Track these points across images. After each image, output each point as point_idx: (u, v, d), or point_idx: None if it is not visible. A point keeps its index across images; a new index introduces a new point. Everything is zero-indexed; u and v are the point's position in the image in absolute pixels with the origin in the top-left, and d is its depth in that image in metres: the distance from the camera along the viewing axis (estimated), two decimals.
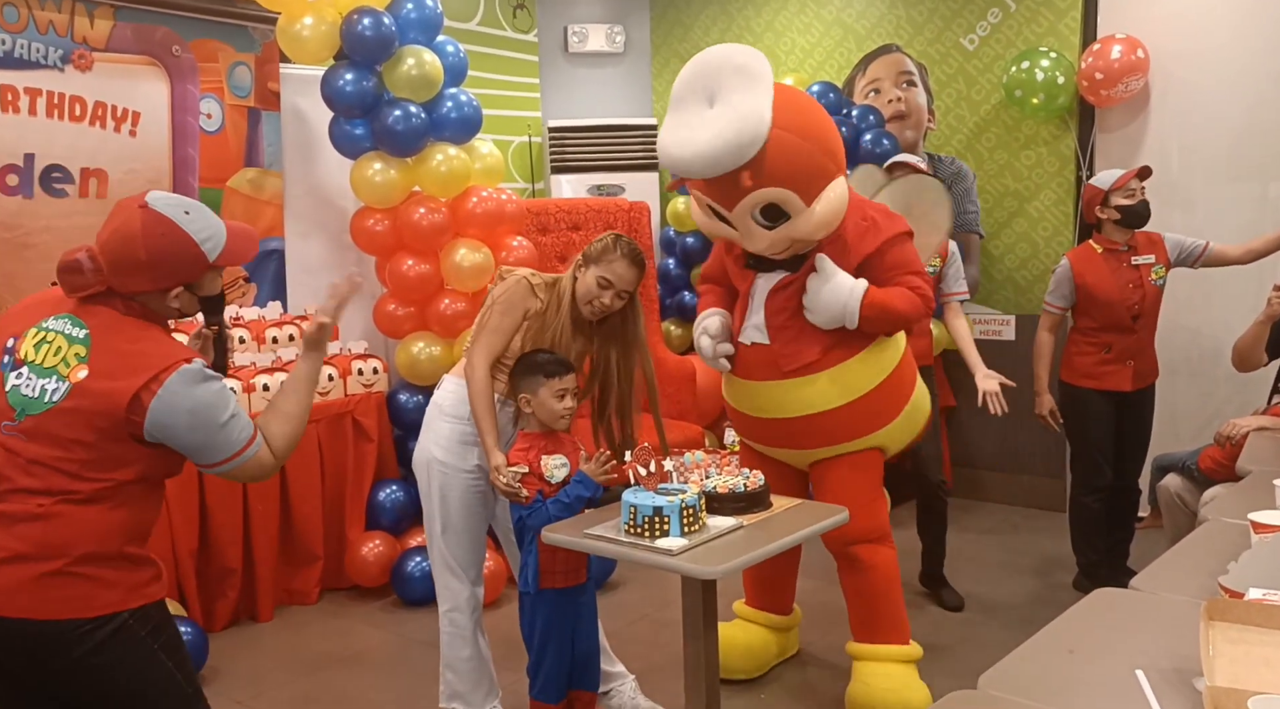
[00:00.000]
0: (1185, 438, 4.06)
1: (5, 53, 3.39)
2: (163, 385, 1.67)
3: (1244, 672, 1.34)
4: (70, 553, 1.66)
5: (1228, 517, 2.13)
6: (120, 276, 1.74)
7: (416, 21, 3.84)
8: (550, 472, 2.40)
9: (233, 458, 1.77)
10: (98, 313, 1.75)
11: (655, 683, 3.07)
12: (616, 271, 2.47)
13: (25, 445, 1.68)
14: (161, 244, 1.74)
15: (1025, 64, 4.40)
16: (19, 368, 1.72)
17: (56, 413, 1.67)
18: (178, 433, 1.71)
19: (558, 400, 2.40)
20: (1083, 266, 3.49)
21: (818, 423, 2.71)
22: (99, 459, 1.68)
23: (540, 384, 2.41)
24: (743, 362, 2.79)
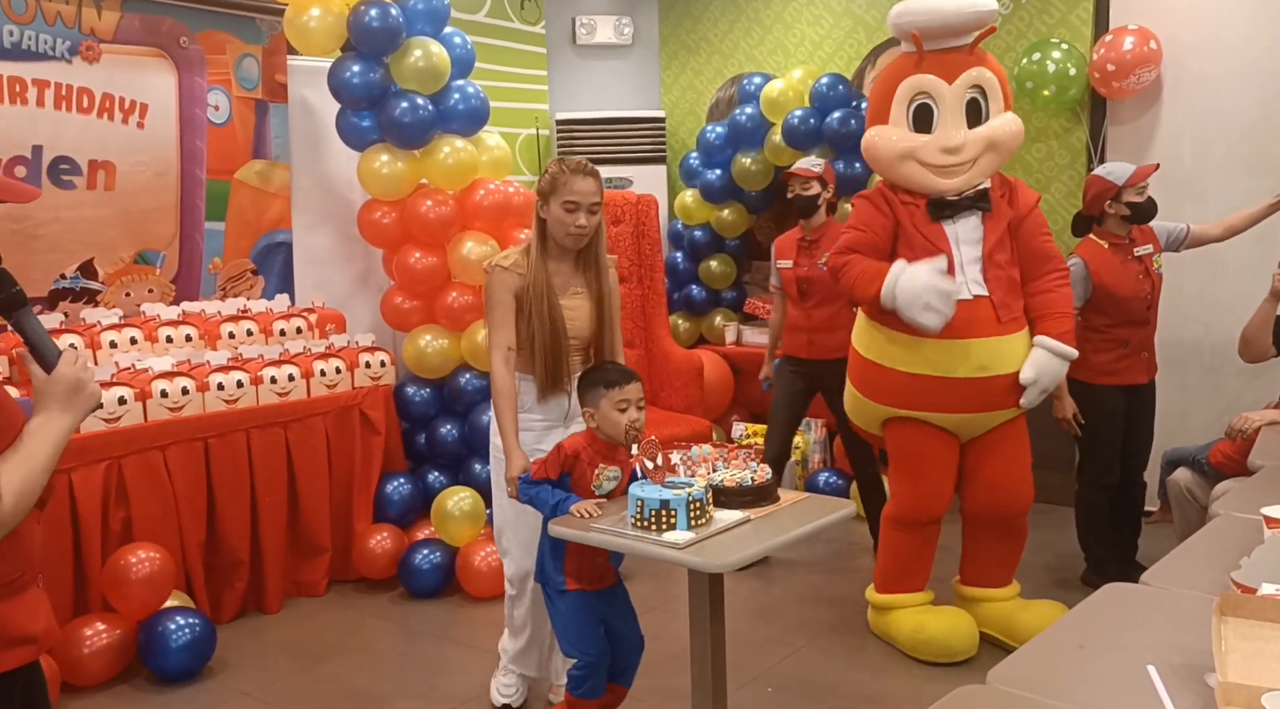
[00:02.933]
0: (1195, 432, 4.03)
1: (13, 44, 3.39)
2: None
3: (1257, 667, 1.32)
4: None
5: (1239, 511, 2.10)
6: None
7: (424, 13, 3.83)
8: (600, 482, 2.37)
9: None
10: None
11: (662, 676, 3.07)
12: (577, 189, 2.47)
13: None
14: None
15: (1036, 55, 4.37)
16: None
17: None
18: None
19: (620, 412, 2.33)
20: (1098, 265, 3.45)
21: (1014, 380, 2.87)
22: None
23: (601, 396, 2.35)
24: (959, 319, 2.79)
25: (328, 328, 3.99)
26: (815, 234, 3.76)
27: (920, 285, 2.70)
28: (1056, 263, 2.99)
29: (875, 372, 3.01)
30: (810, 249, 3.76)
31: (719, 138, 5.07)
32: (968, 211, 2.88)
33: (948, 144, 2.85)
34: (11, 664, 1.43)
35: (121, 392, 3.19)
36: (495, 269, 2.57)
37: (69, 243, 3.59)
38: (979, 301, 2.84)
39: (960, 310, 2.78)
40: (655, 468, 2.25)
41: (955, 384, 2.87)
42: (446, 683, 3.07)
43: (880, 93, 2.99)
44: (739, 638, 3.17)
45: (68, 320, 3.51)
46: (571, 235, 2.52)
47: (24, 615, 1.46)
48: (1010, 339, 2.87)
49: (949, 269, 2.81)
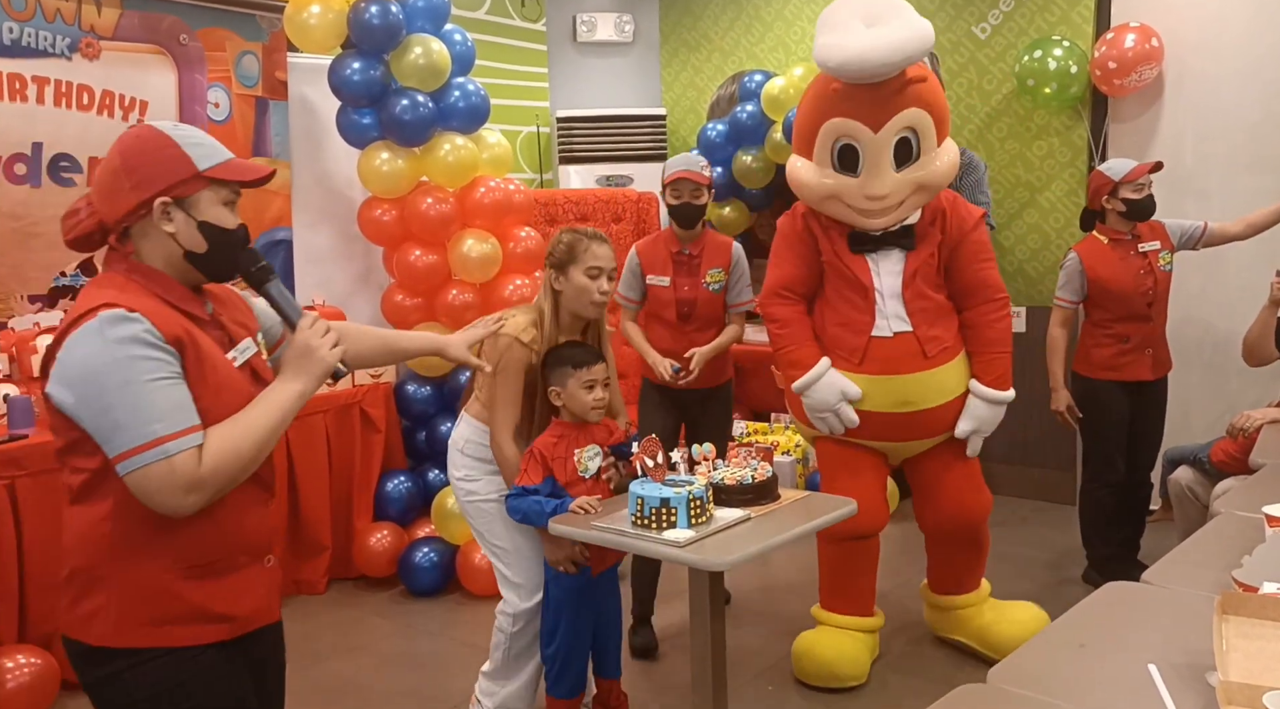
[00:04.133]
0: (1197, 431, 4.03)
1: (13, 41, 3.39)
2: (61, 348, 1.38)
3: (1258, 667, 1.32)
4: (68, 561, 1.46)
5: (1241, 510, 2.10)
6: (103, 197, 1.47)
7: (424, 10, 3.82)
8: (584, 464, 2.38)
9: (129, 454, 1.35)
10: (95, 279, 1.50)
11: (662, 674, 3.07)
12: (599, 255, 2.45)
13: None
14: (136, 146, 1.48)
15: (1038, 53, 4.36)
16: None
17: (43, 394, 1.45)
18: (72, 406, 1.37)
19: (587, 391, 2.37)
20: (1093, 259, 3.46)
21: (946, 412, 2.82)
22: (70, 443, 1.42)
23: (569, 375, 2.37)
24: (882, 355, 2.76)
25: None
26: (695, 247, 3.24)
27: (829, 402, 2.82)
28: (992, 292, 2.85)
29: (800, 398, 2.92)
30: (691, 265, 3.24)
31: (720, 135, 5.06)
32: (890, 246, 2.79)
33: (872, 192, 2.69)
34: (206, 639, 1.48)
35: None
36: (514, 343, 2.41)
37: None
38: (901, 338, 2.76)
39: (882, 348, 2.75)
40: (655, 466, 2.25)
41: (879, 417, 2.81)
42: (446, 681, 3.07)
43: (803, 123, 2.80)
44: (740, 636, 3.17)
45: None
46: (595, 304, 2.46)
47: (224, 598, 1.51)
48: (938, 372, 2.78)
49: (869, 304, 2.79)
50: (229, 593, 1.52)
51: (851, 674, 2.89)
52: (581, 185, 5.24)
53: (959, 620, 3.08)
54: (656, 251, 3.28)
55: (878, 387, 2.79)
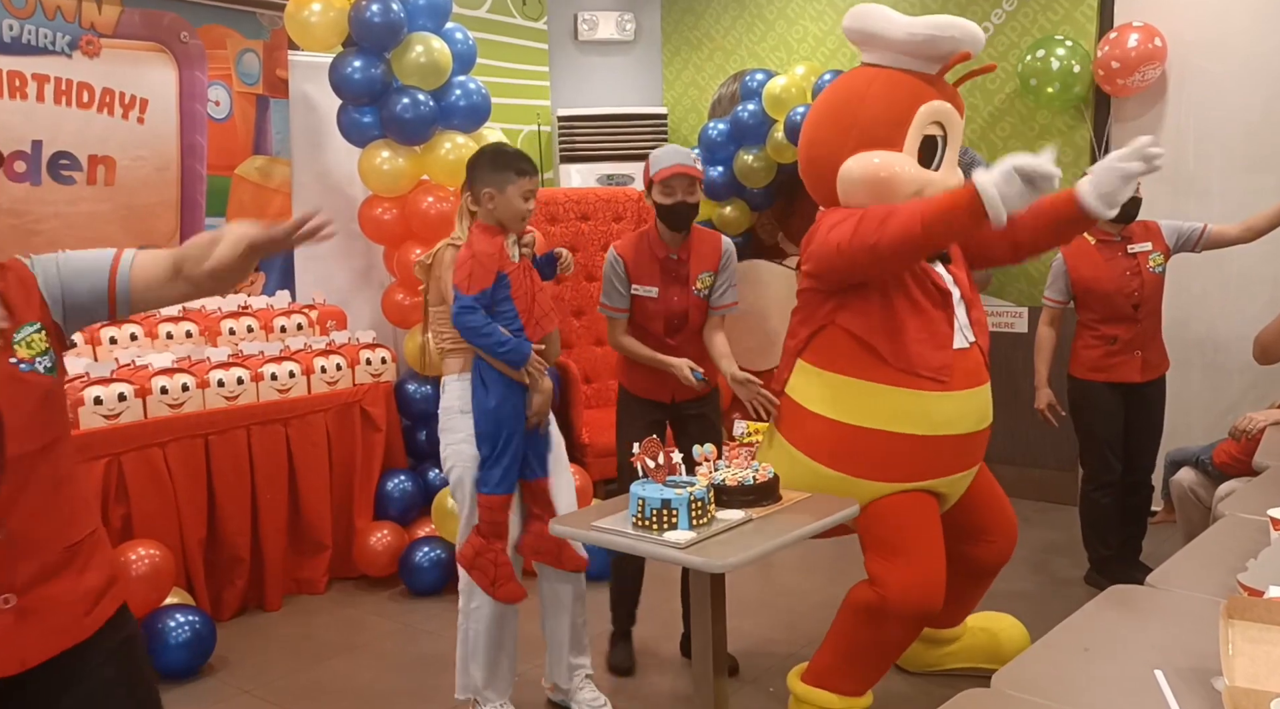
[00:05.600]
0: (1199, 432, 4.02)
1: (13, 38, 3.38)
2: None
3: (1265, 672, 1.31)
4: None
5: (1245, 512, 2.09)
6: None
7: (425, 8, 3.82)
8: (511, 250, 2.49)
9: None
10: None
11: (663, 675, 3.06)
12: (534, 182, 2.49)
13: None
14: None
15: (1040, 52, 4.35)
16: None
17: None
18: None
19: (523, 201, 2.42)
20: (1077, 259, 3.46)
21: (985, 438, 2.56)
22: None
23: (510, 181, 2.41)
24: (964, 368, 2.41)
25: (328, 324, 3.98)
26: (683, 251, 2.89)
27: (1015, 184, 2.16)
28: None
29: (857, 438, 2.41)
30: (680, 272, 2.88)
31: (721, 134, 5.05)
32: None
33: (952, 184, 2.41)
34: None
35: (121, 388, 3.18)
36: (449, 246, 2.67)
37: (69, 238, 3.57)
38: (973, 349, 2.47)
39: (963, 360, 2.42)
40: (657, 467, 2.24)
41: (965, 441, 2.43)
42: (447, 681, 3.06)
43: (890, 108, 2.42)
44: (741, 638, 3.16)
45: None
46: (524, 221, 2.55)
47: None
48: (982, 390, 2.50)
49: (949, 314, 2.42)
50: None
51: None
52: (582, 184, 5.23)
53: (958, 647, 2.92)
54: (642, 257, 2.89)
55: (967, 405, 2.42)
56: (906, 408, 2.37)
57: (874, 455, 2.41)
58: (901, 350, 2.36)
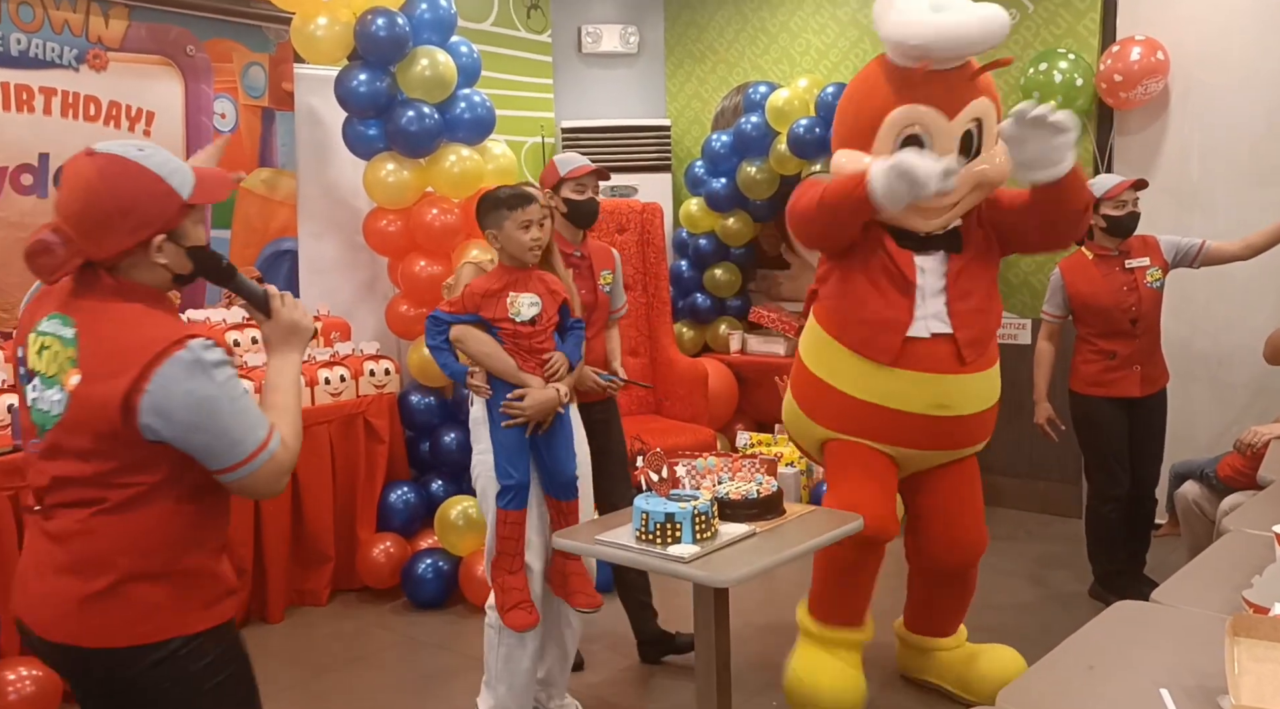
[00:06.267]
0: (1203, 445, 4.01)
1: (20, 52, 3.40)
2: (150, 380, 1.44)
3: (1271, 691, 1.31)
4: (114, 568, 1.51)
5: (1250, 527, 2.09)
6: (93, 239, 1.49)
7: (430, 22, 3.83)
8: (518, 309, 2.44)
9: (246, 462, 1.51)
10: (83, 304, 1.52)
11: (665, 690, 3.05)
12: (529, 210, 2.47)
13: (49, 463, 1.54)
14: (125, 185, 1.48)
15: (1043, 65, 4.36)
16: (32, 379, 1.57)
17: (62, 427, 1.50)
18: (176, 433, 1.47)
19: (524, 232, 2.43)
20: (1074, 275, 3.47)
21: (983, 419, 2.69)
22: (118, 467, 1.50)
23: (505, 217, 2.43)
24: (915, 354, 2.55)
25: (333, 336, 3.99)
26: (584, 249, 3.03)
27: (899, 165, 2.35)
28: None
29: (821, 390, 2.70)
30: (585, 267, 3.01)
31: (724, 146, 5.07)
32: (935, 248, 2.58)
33: (944, 187, 2.41)
34: (231, 613, 1.62)
35: None
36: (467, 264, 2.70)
37: None
38: (939, 340, 2.55)
39: (918, 347, 2.54)
40: (660, 481, 2.24)
41: (913, 419, 2.59)
42: (449, 694, 3.05)
43: (861, 112, 2.57)
44: (744, 651, 3.16)
45: None
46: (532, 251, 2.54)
47: (229, 574, 1.65)
48: (975, 378, 2.60)
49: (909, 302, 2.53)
50: (228, 569, 1.66)
51: (849, 704, 2.75)
52: None
53: (936, 664, 2.91)
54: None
55: (914, 386, 2.56)
56: (862, 374, 2.61)
57: (832, 409, 2.69)
58: (855, 326, 2.61)
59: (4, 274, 3.42)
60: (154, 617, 1.52)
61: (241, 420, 1.51)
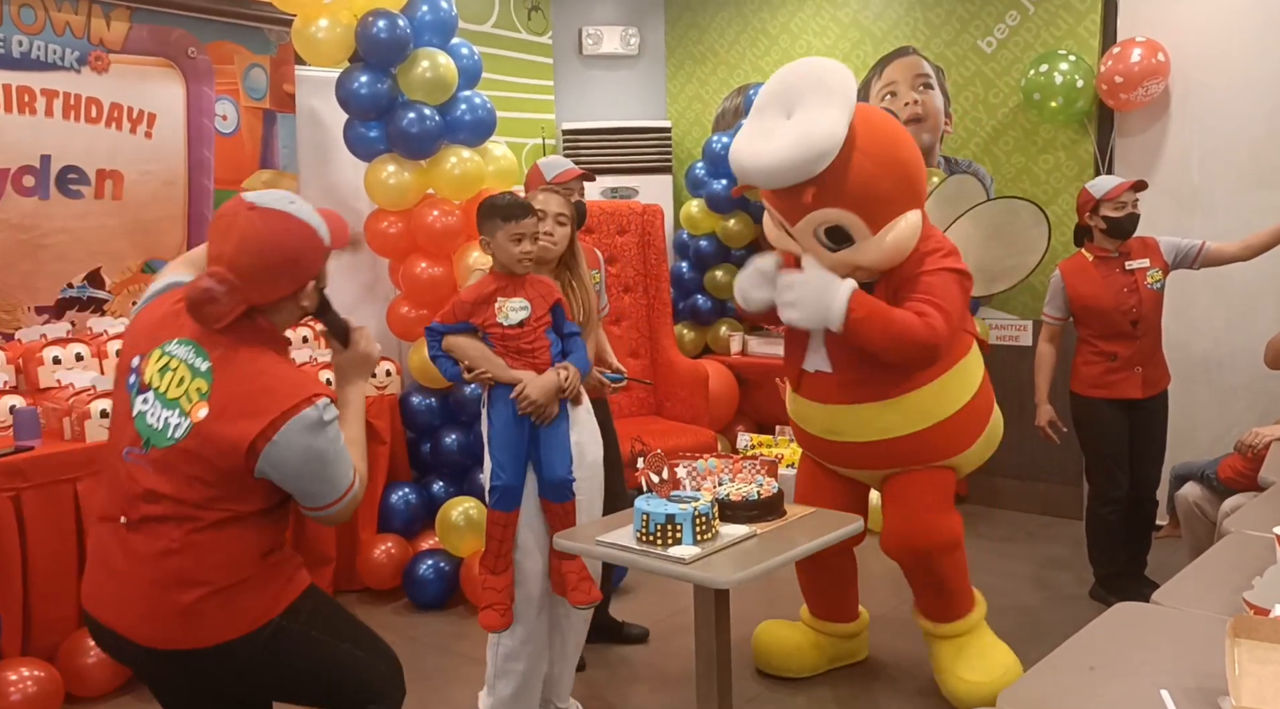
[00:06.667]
0: (1203, 446, 4.01)
1: (22, 54, 3.40)
2: (279, 432, 1.61)
3: (1271, 692, 1.31)
4: (207, 582, 1.65)
5: (1251, 529, 2.09)
6: (261, 288, 1.66)
7: (431, 24, 3.84)
8: (506, 313, 2.47)
9: (335, 503, 1.71)
10: (221, 340, 1.66)
11: (667, 691, 3.05)
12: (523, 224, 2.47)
13: (151, 476, 1.65)
14: (291, 240, 1.66)
15: (1044, 67, 4.36)
16: (144, 392, 1.68)
17: (178, 451, 1.63)
18: (285, 478, 1.67)
19: (514, 244, 2.45)
20: (1074, 277, 3.47)
21: (887, 448, 2.70)
22: (220, 496, 1.65)
23: (498, 227, 2.46)
24: (807, 385, 2.76)
25: None
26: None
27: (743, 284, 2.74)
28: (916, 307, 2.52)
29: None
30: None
31: (725, 148, 5.05)
32: None
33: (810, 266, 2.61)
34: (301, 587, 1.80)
35: None
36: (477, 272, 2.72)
37: (76, 252, 3.59)
38: (822, 376, 2.70)
39: (809, 379, 2.74)
40: (661, 482, 2.24)
41: (815, 440, 2.82)
42: (451, 695, 3.05)
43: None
44: (744, 652, 3.16)
45: (74, 330, 3.51)
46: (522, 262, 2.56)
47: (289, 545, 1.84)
48: (863, 409, 2.66)
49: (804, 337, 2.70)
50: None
51: (792, 668, 3.05)
52: (587, 197, 5.23)
53: (930, 648, 2.96)
54: None
55: (810, 411, 2.78)
56: (791, 395, 2.88)
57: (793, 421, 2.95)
58: (785, 355, 2.86)
59: (5, 275, 3.42)
60: (250, 610, 1.69)
61: (338, 470, 1.69)
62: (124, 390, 1.72)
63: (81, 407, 3.11)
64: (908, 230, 2.51)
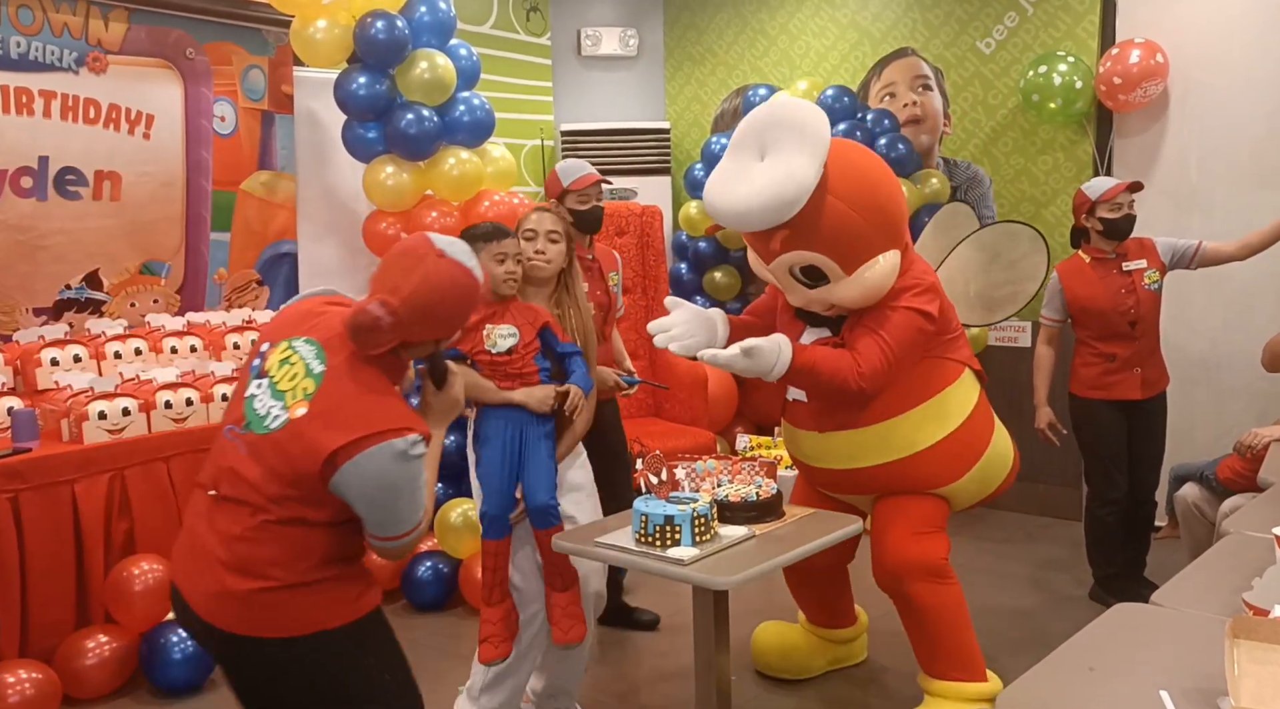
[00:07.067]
0: (1202, 447, 4.01)
1: (20, 55, 3.40)
2: (363, 452, 1.61)
3: (1270, 693, 1.31)
4: (265, 577, 1.67)
5: (1250, 530, 2.09)
6: (423, 329, 1.71)
7: (429, 25, 3.84)
8: (494, 340, 2.45)
9: (398, 538, 1.71)
10: (345, 352, 1.69)
11: (665, 692, 3.05)
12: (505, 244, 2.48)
13: (241, 458, 1.69)
14: (465, 295, 1.73)
15: (1043, 68, 4.36)
16: (262, 378, 1.72)
17: (270, 441, 1.66)
18: (355, 500, 1.66)
19: (498, 264, 2.45)
20: (1071, 279, 3.47)
21: (872, 474, 2.67)
22: (293, 496, 1.66)
23: (480, 250, 2.41)
24: (790, 411, 2.79)
25: None
26: (595, 252, 3.27)
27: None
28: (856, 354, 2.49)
29: None
30: (595, 270, 3.20)
31: (724, 149, 5.05)
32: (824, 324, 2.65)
33: (792, 304, 2.64)
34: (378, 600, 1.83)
35: (126, 403, 3.19)
36: None
37: (74, 253, 3.59)
38: (798, 404, 2.72)
39: (792, 405, 2.76)
40: (660, 483, 2.24)
41: (803, 464, 2.84)
42: (449, 697, 3.04)
43: None
44: (744, 652, 3.15)
45: (72, 331, 3.51)
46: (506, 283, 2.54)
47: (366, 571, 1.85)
48: (832, 437, 2.65)
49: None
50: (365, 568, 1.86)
51: (790, 669, 3.06)
52: None
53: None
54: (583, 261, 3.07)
55: (796, 437, 2.79)
56: (784, 431, 2.87)
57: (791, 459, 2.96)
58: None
59: (2, 276, 3.42)
60: (304, 616, 1.70)
61: (410, 507, 1.70)
62: (247, 372, 1.77)
63: (79, 408, 3.11)
64: (884, 270, 2.47)
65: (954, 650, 2.60)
